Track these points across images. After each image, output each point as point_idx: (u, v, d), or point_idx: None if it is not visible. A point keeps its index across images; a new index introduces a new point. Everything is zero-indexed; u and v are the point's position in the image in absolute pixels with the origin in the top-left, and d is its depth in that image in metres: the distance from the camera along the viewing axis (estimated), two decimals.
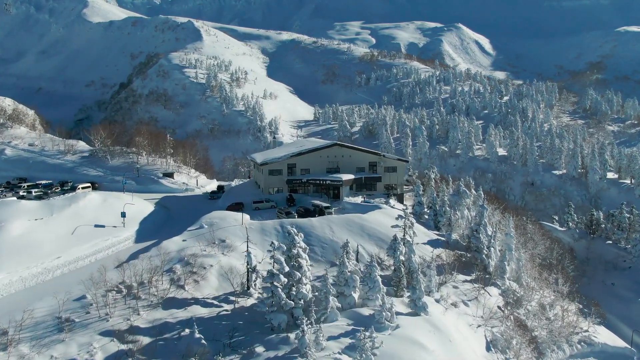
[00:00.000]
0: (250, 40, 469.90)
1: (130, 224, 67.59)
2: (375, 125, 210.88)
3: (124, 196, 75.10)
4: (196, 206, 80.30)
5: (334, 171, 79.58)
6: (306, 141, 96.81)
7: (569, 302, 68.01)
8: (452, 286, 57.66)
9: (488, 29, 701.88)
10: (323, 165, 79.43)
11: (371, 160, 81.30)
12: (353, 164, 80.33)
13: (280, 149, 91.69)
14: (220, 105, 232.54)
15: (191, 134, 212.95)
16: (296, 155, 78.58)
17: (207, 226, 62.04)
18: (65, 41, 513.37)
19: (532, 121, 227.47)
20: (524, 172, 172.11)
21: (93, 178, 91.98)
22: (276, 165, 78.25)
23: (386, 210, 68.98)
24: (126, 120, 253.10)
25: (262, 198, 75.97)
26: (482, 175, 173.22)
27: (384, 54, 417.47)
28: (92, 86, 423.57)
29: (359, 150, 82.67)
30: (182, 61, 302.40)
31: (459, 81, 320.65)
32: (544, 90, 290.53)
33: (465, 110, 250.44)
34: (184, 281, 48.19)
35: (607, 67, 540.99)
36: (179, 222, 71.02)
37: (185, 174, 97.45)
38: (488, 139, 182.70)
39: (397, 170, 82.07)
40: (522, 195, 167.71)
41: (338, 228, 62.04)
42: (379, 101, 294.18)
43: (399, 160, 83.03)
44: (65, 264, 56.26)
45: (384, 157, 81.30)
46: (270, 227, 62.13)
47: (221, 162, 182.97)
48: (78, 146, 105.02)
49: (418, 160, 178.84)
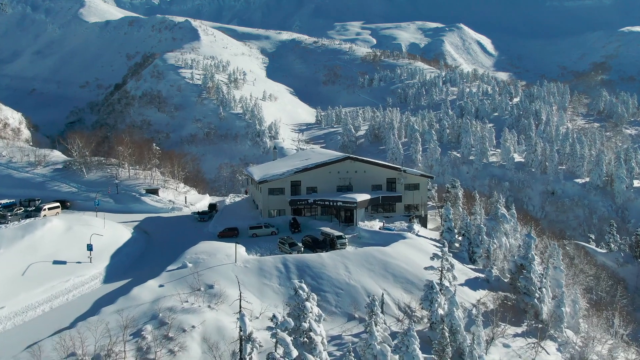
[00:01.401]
0: (250, 40, 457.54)
1: (100, 257, 55.28)
2: (381, 129, 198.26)
3: (95, 221, 62.73)
4: (183, 230, 68.15)
5: (345, 189, 67.36)
6: (312, 152, 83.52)
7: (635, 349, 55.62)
8: (503, 344, 45.45)
9: (489, 29, 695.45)
10: (333, 182, 67.21)
11: (389, 176, 68.98)
12: (368, 180, 68.08)
13: (282, 162, 78.78)
14: (216, 107, 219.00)
15: (186, 138, 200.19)
16: (301, 171, 66.20)
17: (192, 264, 49.78)
18: (61, 41, 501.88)
19: (546, 124, 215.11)
20: (543, 180, 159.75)
21: (65, 195, 79.40)
22: (277, 183, 65.92)
23: (412, 240, 56.66)
24: (118, 124, 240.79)
25: (261, 222, 63.77)
26: (498, 183, 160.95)
27: (387, 54, 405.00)
28: (87, 87, 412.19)
29: (375, 164, 69.89)
30: (178, 61, 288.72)
31: (465, 82, 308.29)
32: (555, 91, 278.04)
33: (474, 113, 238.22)
34: (155, 353, 35.88)
35: (612, 68, 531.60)
36: (160, 254, 59.03)
37: (172, 189, 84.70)
38: (503, 144, 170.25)
39: (420, 188, 69.70)
40: (542, 206, 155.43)
41: (356, 267, 49.72)
42: (383, 103, 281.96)
43: (422, 176, 70.37)
44: (9, 316, 44.24)
45: (404, 172, 68.81)
46: (271, 265, 49.81)
47: (217, 169, 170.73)
48: (51, 157, 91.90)
49: (429, 167, 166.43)
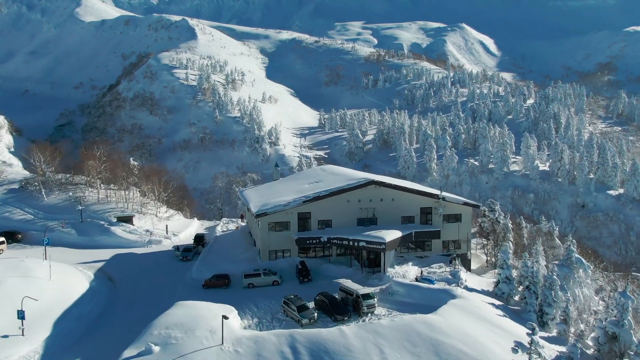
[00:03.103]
0: (249, 40, 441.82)
1: (38, 325, 40.22)
2: (391, 134, 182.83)
3: (40, 267, 47.57)
4: (159, 276, 53.09)
5: (368, 223, 52.22)
6: (323, 172, 64.26)
7: None
8: None
9: (492, 29, 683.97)
10: (352, 213, 52.07)
11: (424, 204, 53.71)
12: (397, 211, 52.91)
13: (286, 184, 62.78)
14: (212, 111, 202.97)
15: (179, 144, 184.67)
16: (311, 200, 50.97)
17: (159, 347, 34.71)
18: (56, 41, 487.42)
19: (566, 129, 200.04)
20: (572, 192, 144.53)
21: (16, 224, 64.09)
22: (281, 216, 50.69)
23: (465, 301, 41.45)
24: (108, 127, 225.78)
25: (259, 268, 48.76)
26: (521, 195, 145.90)
27: (391, 54, 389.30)
28: (81, 88, 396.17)
29: (406, 190, 54.31)
30: (173, 61, 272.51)
31: (474, 83, 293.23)
32: (571, 92, 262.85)
33: (487, 116, 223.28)
34: None
35: (619, 68, 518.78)
36: (124, 316, 44.05)
37: (151, 215, 69.30)
38: (526, 151, 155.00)
39: (462, 220, 54.57)
40: (571, 220, 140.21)
41: (395, 351, 34.45)
42: (389, 105, 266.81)
43: (465, 205, 55.10)
44: None
45: (443, 200, 53.65)
46: (273, 350, 34.61)
47: (212, 179, 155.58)
48: (8, 173, 75.90)
49: (445, 177, 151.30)
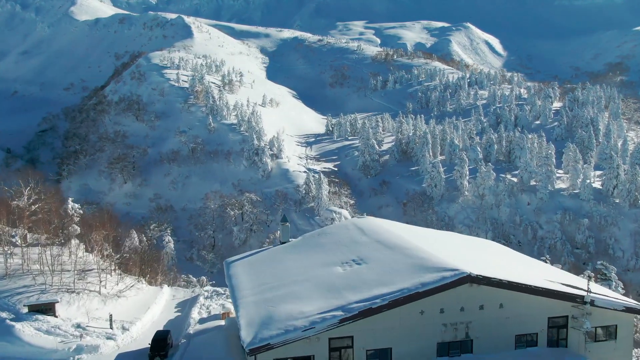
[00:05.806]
0: (249, 39, 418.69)
1: None
2: (411, 144, 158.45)
3: None
4: None
5: (457, 350, 28.37)
6: (363, 235, 36.30)
7: None
8: None
9: (497, 28, 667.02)
10: (428, 334, 28.09)
11: (555, 313, 29.53)
12: (507, 326, 28.92)
13: (301, 261, 34.91)
14: (205, 116, 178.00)
15: (167, 155, 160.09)
16: (357, 316, 26.98)
17: None
18: (49, 41, 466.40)
19: (605, 137, 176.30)
20: (633, 217, 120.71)
21: None
22: (298, 347, 26.61)
23: None
24: (90, 134, 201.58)
25: None
26: (573, 219, 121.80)
27: (400, 53, 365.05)
28: (71, 90, 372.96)
29: (526, 290, 29.56)
30: (164, 60, 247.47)
31: (492, 84, 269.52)
32: (602, 95, 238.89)
33: (514, 121, 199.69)
34: None
35: (630, 69, 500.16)
36: None
37: (90, 295, 44.86)
38: (574, 166, 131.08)
39: (617, 335, 30.77)
40: (635, 251, 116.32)
41: None
42: (400, 108, 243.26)
43: (626, 311, 31.07)
44: None
45: (591, 304, 29.67)
46: None
47: (203, 199, 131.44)
48: None
49: (480, 196, 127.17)
